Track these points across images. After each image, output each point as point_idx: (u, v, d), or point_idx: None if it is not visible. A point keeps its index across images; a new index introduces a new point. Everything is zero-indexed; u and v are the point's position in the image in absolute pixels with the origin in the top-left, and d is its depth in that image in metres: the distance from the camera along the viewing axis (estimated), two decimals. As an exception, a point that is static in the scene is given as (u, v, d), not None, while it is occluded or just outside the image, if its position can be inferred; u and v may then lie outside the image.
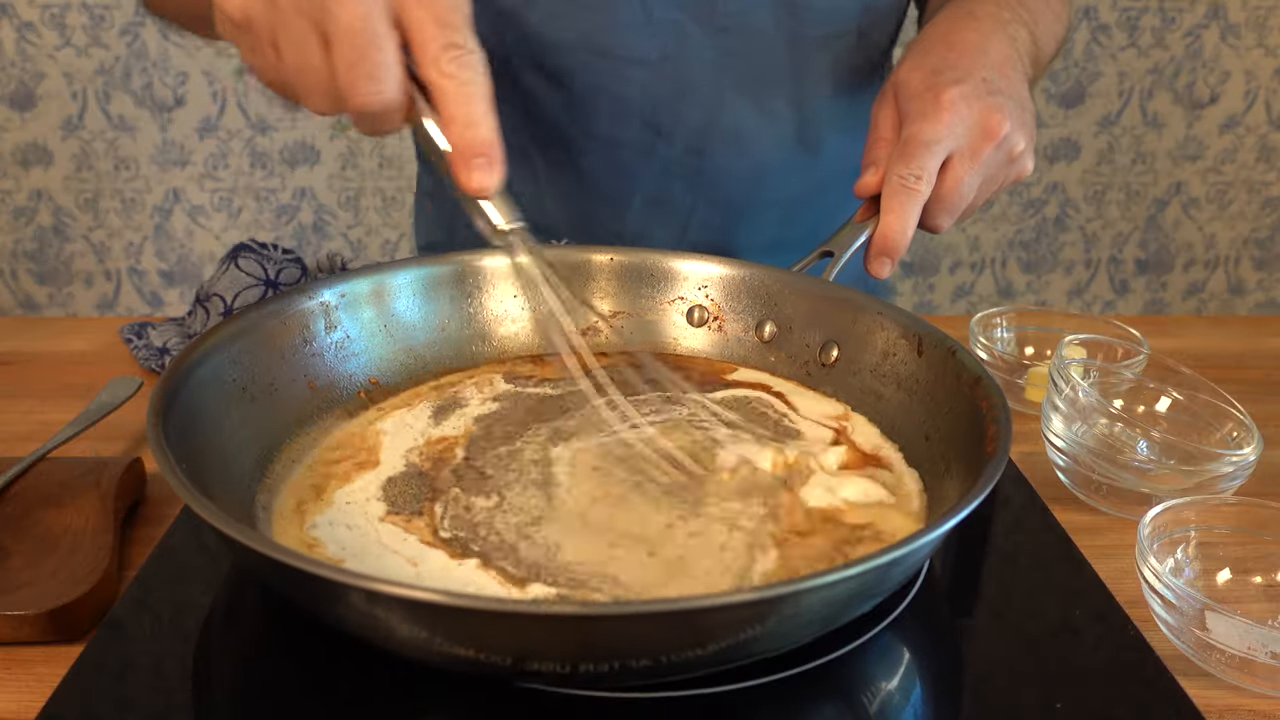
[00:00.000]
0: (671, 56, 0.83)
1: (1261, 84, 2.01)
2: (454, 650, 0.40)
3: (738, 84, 0.86)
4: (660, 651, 0.40)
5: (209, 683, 0.46)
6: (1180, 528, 0.56)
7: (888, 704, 0.46)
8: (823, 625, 0.45)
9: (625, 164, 0.88)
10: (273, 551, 0.40)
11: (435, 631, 0.40)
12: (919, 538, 0.42)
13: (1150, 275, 2.16)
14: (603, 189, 0.89)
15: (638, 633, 0.40)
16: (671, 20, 0.82)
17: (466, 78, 0.48)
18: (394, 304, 0.65)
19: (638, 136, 0.87)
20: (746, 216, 0.91)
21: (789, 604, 0.40)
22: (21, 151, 1.92)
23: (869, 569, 0.40)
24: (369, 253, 2.02)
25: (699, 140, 0.87)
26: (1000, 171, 0.69)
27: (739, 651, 0.42)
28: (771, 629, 0.41)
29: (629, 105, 0.85)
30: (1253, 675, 0.49)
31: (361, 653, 0.45)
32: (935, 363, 0.59)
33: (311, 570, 0.39)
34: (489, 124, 0.49)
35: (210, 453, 0.51)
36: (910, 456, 0.58)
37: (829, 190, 0.95)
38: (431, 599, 0.38)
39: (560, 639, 0.40)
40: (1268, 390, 0.81)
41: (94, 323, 0.87)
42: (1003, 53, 0.72)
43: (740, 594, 0.39)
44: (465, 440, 0.59)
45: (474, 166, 0.50)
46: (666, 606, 0.40)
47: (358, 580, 0.39)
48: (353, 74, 0.46)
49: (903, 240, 0.65)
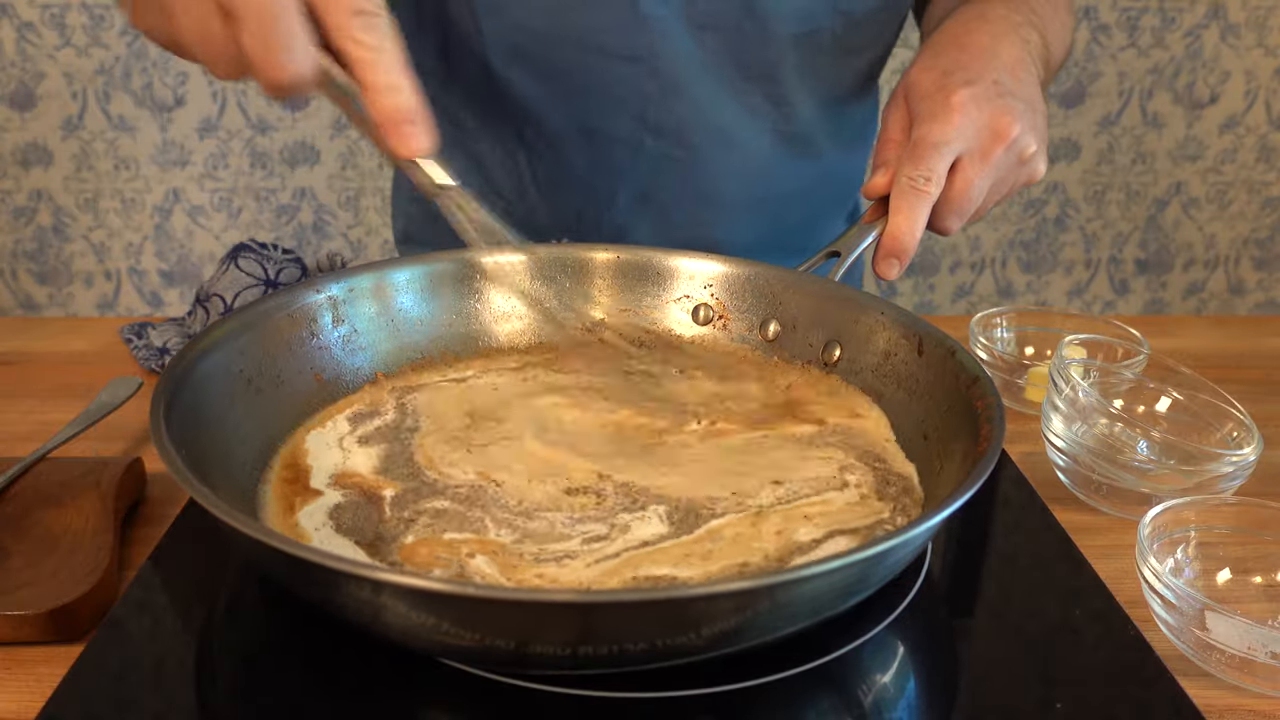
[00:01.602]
0: (658, 52, 0.83)
1: (1261, 84, 2.01)
2: (456, 636, 0.41)
3: (722, 81, 0.86)
4: (656, 635, 0.41)
5: (209, 683, 0.46)
6: (1180, 528, 0.56)
7: (888, 703, 0.46)
8: (813, 614, 0.45)
9: (613, 160, 0.88)
10: (268, 538, 0.40)
11: (439, 618, 0.40)
12: (908, 530, 0.43)
13: (1150, 275, 2.16)
14: (589, 184, 0.89)
15: (633, 618, 0.40)
16: (657, 16, 0.82)
17: (377, 43, 0.47)
18: (400, 298, 0.66)
19: (626, 132, 0.87)
20: (733, 214, 0.92)
21: (778, 593, 0.41)
22: (21, 151, 1.92)
23: (852, 561, 0.41)
24: (369, 253, 2.02)
25: (687, 136, 0.87)
26: (1011, 174, 0.69)
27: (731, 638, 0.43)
28: (761, 617, 0.42)
29: (617, 101, 0.85)
30: (1253, 675, 0.49)
31: (363, 650, 0.45)
32: (935, 363, 0.59)
33: (309, 558, 0.40)
34: (409, 87, 0.48)
35: (213, 443, 0.51)
36: (910, 454, 0.59)
37: (818, 192, 0.95)
38: (435, 588, 0.39)
39: (560, 625, 0.41)
40: (1268, 390, 0.81)
41: (94, 323, 0.87)
42: (1015, 55, 0.71)
43: (726, 583, 0.40)
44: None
45: (404, 133, 0.49)
46: (661, 594, 0.41)
47: (357, 568, 0.39)
48: (260, 47, 0.45)
49: (911, 242, 0.65)
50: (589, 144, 0.87)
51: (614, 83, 0.85)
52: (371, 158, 1.96)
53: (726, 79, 0.86)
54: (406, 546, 0.49)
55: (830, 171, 0.95)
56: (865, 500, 0.54)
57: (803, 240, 0.96)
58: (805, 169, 0.92)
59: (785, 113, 0.88)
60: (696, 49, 0.84)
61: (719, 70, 0.85)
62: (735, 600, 0.40)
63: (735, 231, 0.92)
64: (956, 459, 0.53)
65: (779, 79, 0.87)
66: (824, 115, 0.91)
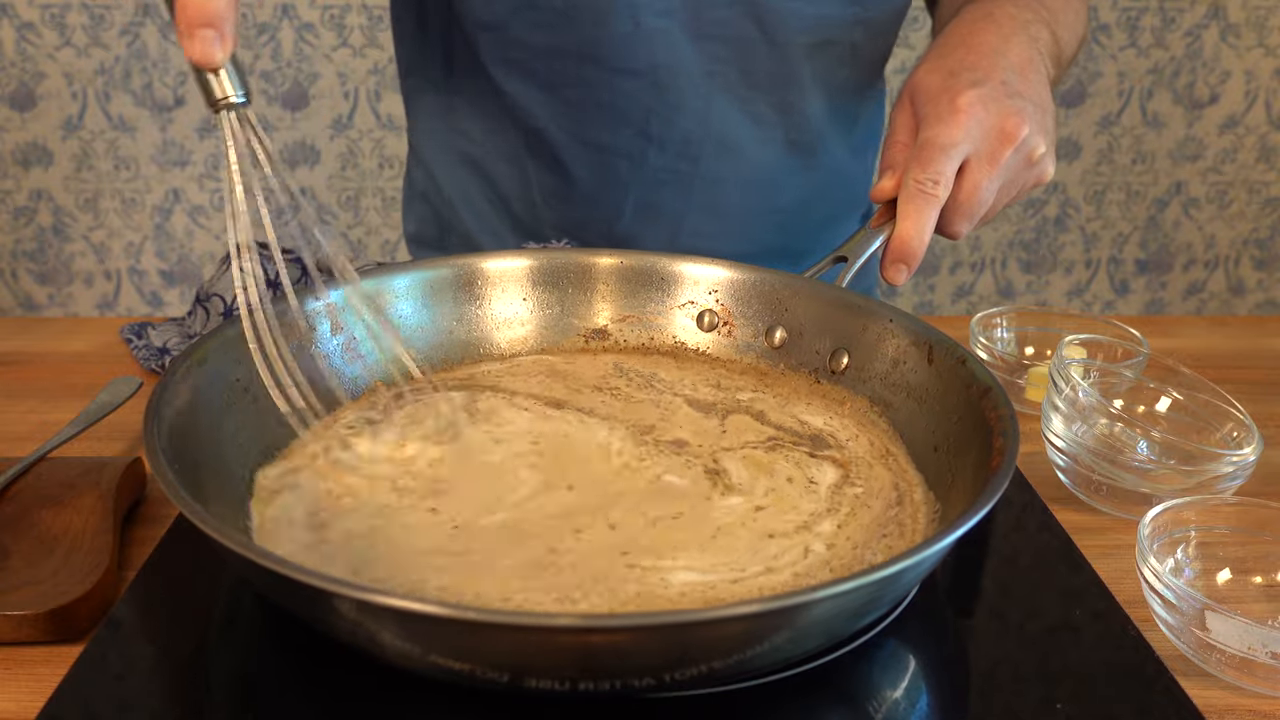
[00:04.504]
0: (661, 65, 0.83)
1: (1261, 84, 2.01)
2: (445, 663, 0.40)
3: (727, 92, 0.85)
4: (661, 668, 0.40)
5: (209, 683, 0.46)
6: (1180, 528, 0.56)
7: (888, 704, 0.46)
8: (825, 636, 0.44)
9: (617, 172, 0.88)
10: (256, 556, 0.40)
11: (428, 644, 0.39)
12: (926, 547, 0.42)
13: (1150, 275, 2.16)
14: (595, 196, 0.89)
15: (636, 644, 0.39)
16: (660, 29, 0.81)
17: None
18: (399, 305, 0.65)
19: (630, 145, 0.86)
20: (739, 224, 0.91)
21: (791, 616, 0.40)
22: (21, 151, 1.92)
23: (870, 581, 0.40)
24: (369, 253, 2.02)
25: (691, 148, 0.87)
26: (1020, 175, 0.68)
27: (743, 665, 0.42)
28: (774, 643, 0.41)
29: (621, 114, 0.85)
30: (1253, 675, 0.49)
31: (361, 655, 0.45)
32: (945, 371, 0.58)
33: (295, 577, 0.39)
34: None
35: (209, 453, 0.51)
36: (919, 466, 0.58)
37: (824, 200, 0.94)
38: (422, 610, 0.37)
39: (559, 650, 0.39)
40: (1268, 390, 0.80)
41: (94, 323, 0.87)
42: (1023, 54, 0.70)
43: (738, 607, 0.38)
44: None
45: (199, 37, 0.47)
46: (668, 619, 0.39)
47: (344, 589, 0.38)
48: None
49: (919, 246, 0.64)
50: (591, 156, 0.87)
51: (615, 96, 0.84)
52: (371, 158, 1.96)
53: (731, 89, 0.85)
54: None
55: (839, 175, 0.94)
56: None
57: (814, 246, 0.94)
58: (813, 175, 0.91)
59: (794, 120, 0.88)
60: (700, 60, 0.83)
61: (723, 80, 0.85)
62: (746, 624, 0.39)
63: (744, 242, 0.91)
64: (969, 472, 0.52)
65: (789, 87, 0.86)
66: (833, 118, 0.90)
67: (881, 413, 0.62)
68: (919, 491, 0.56)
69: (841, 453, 0.59)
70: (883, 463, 0.58)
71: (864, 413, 0.62)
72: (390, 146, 1.95)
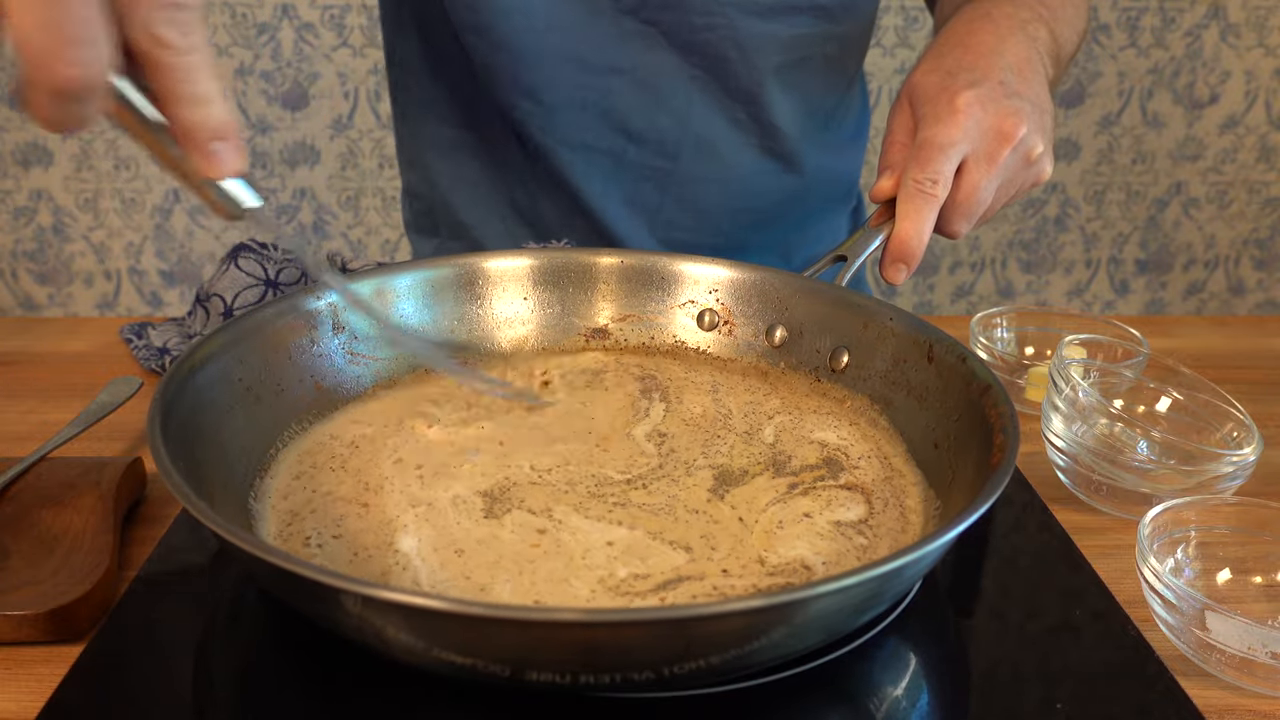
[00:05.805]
0: (642, 67, 0.84)
1: (1261, 84, 2.01)
2: (449, 658, 0.40)
3: (705, 96, 0.87)
4: (662, 662, 0.40)
5: (209, 683, 0.46)
6: (1180, 528, 0.56)
7: (888, 703, 0.46)
8: (824, 633, 0.44)
9: (600, 168, 0.89)
10: (262, 552, 0.40)
11: (432, 639, 0.40)
12: (927, 543, 0.42)
13: (1150, 275, 2.16)
14: (582, 192, 0.89)
15: (638, 638, 0.39)
16: (641, 33, 0.83)
17: (185, 44, 0.39)
18: (401, 305, 0.65)
19: (608, 142, 0.88)
20: (720, 222, 0.92)
21: (792, 611, 0.40)
22: (22, 151, 1.92)
23: (870, 577, 0.40)
24: (369, 253, 2.02)
25: (670, 147, 0.88)
26: (1018, 175, 0.68)
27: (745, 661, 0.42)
28: (775, 638, 0.41)
29: (602, 114, 0.86)
30: (1253, 675, 0.49)
31: (364, 653, 0.45)
32: (945, 369, 0.58)
33: (300, 572, 0.39)
34: (220, 98, 0.41)
35: (212, 452, 0.51)
36: (920, 464, 0.58)
37: (806, 198, 0.95)
38: (426, 604, 0.38)
39: (562, 645, 0.39)
40: (1268, 390, 0.80)
41: (94, 323, 0.87)
42: (1021, 54, 0.70)
43: (739, 602, 0.39)
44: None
45: (213, 151, 0.42)
46: (670, 613, 0.39)
47: (348, 584, 0.38)
48: (49, 38, 0.35)
49: (919, 246, 0.64)
50: (573, 152, 0.88)
51: (596, 96, 0.85)
52: (371, 158, 1.96)
53: (711, 94, 0.87)
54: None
55: (820, 175, 0.95)
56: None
57: (800, 240, 0.96)
58: (793, 178, 0.92)
59: (769, 131, 0.89)
60: (681, 64, 0.85)
61: (703, 83, 0.86)
62: (746, 619, 0.39)
63: (722, 236, 0.92)
64: (969, 469, 0.52)
65: (760, 102, 0.87)
66: (810, 126, 0.91)
67: (882, 410, 0.62)
68: (919, 490, 0.56)
69: (854, 474, 0.57)
70: (889, 484, 0.57)
71: (864, 411, 0.62)
72: (390, 146, 1.95)
